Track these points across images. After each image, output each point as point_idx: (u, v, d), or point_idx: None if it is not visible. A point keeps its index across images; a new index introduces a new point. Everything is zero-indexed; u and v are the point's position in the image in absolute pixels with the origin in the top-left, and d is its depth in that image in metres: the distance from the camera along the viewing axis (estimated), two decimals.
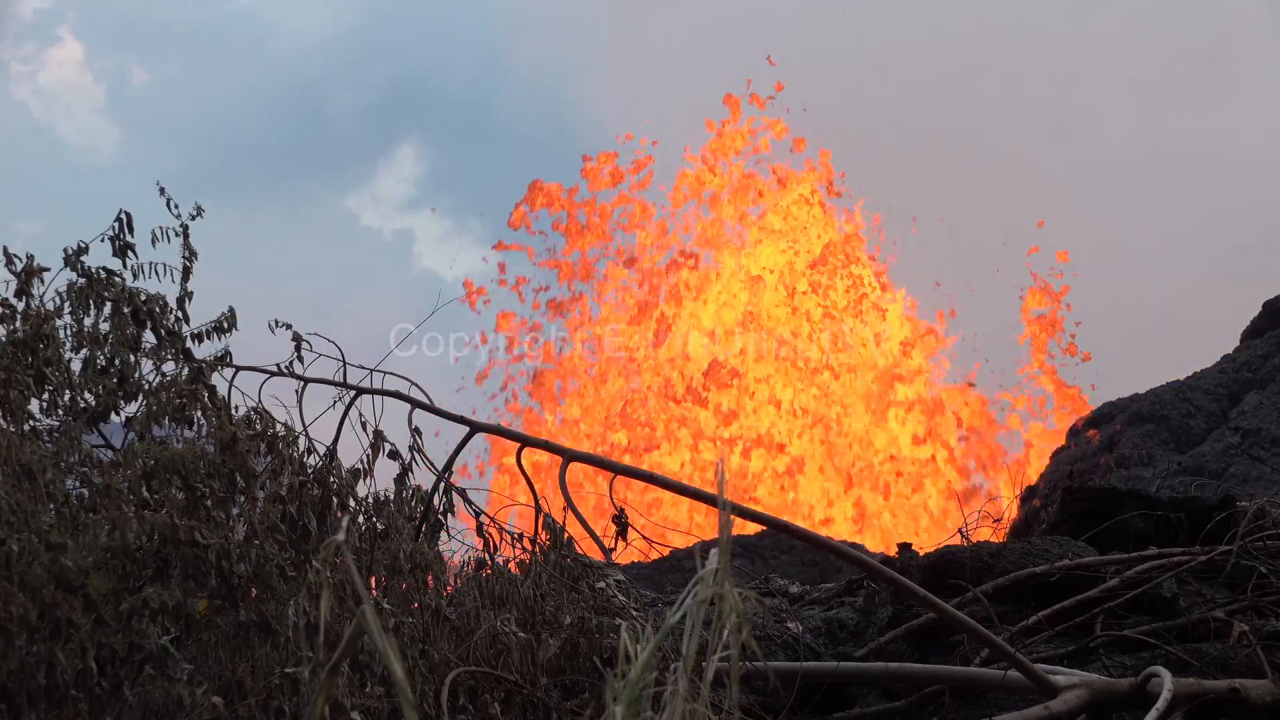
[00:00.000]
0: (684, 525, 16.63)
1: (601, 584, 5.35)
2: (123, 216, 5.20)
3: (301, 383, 5.67)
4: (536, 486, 5.76)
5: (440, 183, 48.29)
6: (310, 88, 48.92)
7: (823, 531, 18.60)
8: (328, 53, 50.04)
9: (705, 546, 2.82)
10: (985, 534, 8.23)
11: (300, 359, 5.65)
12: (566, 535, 5.49)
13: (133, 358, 5.11)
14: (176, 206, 5.25)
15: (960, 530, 7.83)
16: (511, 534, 5.59)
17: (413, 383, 5.78)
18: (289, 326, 5.59)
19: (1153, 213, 32.54)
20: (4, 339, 4.90)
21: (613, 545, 5.80)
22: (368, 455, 5.35)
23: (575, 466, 6.03)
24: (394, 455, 5.50)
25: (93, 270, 5.14)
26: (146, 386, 5.09)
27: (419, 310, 6.23)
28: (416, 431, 5.59)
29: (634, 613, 5.24)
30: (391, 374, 5.80)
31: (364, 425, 5.49)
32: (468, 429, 5.86)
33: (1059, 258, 22.58)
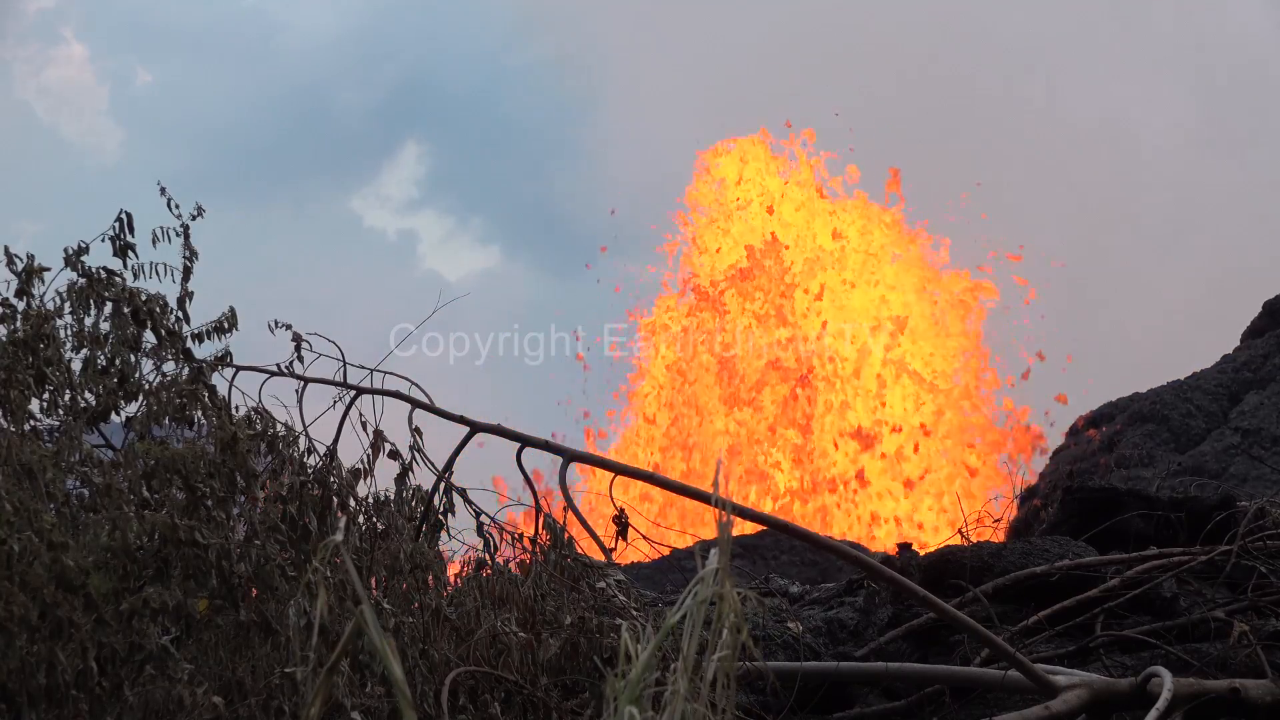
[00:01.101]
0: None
1: (602, 584, 5.35)
2: (123, 216, 5.20)
3: (301, 383, 5.67)
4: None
5: (444, 183, 48.40)
6: (314, 88, 49.02)
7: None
8: (331, 54, 50.15)
9: (705, 546, 2.82)
10: (985, 534, 8.22)
11: (300, 359, 5.65)
12: (567, 535, 5.49)
13: (133, 358, 5.11)
14: (177, 206, 5.25)
15: (960, 530, 7.83)
16: (512, 534, 5.59)
17: (413, 383, 5.78)
18: (289, 327, 5.60)
19: (1153, 211, 32.56)
20: (4, 339, 4.90)
21: (613, 545, 5.80)
22: (368, 455, 5.35)
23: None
24: (394, 455, 5.50)
25: (93, 270, 5.14)
26: (147, 386, 5.09)
27: (423, 311, 6.21)
28: (417, 431, 5.59)
29: (634, 613, 5.24)
30: (392, 374, 5.81)
31: (364, 425, 5.49)
32: (467, 429, 5.86)
33: (1066, 363, 21.42)
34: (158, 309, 5.17)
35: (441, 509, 5.60)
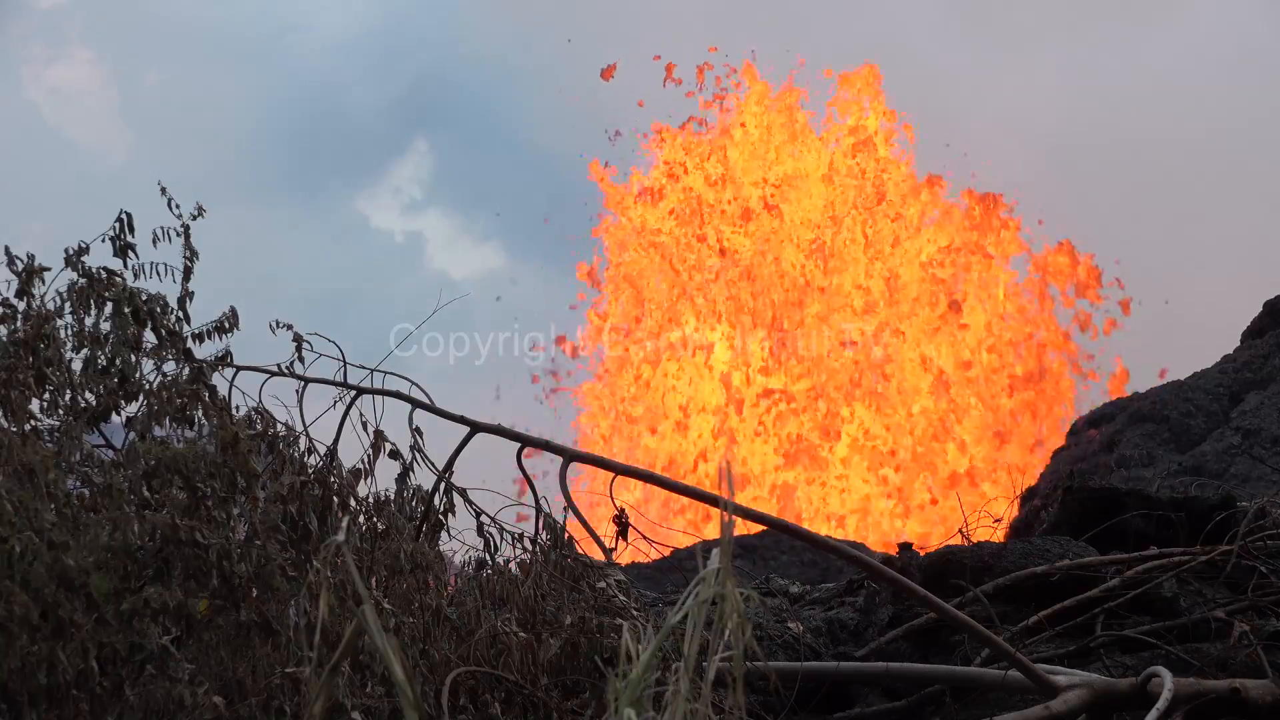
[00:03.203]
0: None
1: (602, 584, 5.35)
2: (123, 217, 5.20)
3: (302, 383, 5.67)
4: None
5: (451, 183, 48.33)
6: (322, 89, 48.94)
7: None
8: (339, 55, 50.10)
9: (706, 547, 2.82)
10: (985, 534, 8.22)
11: (301, 359, 5.65)
12: (567, 535, 5.49)
13: (133, 358, 5.11)
14: (178, 206, 5.25)
15: (961, 530, 7.82)
16: (512, 534, 5.59)
17: (413, 383, 5.78)
18: (290, 326, 5.59)
19: (1153, 210, 32.54)
20: (5, 338, 4.91)
21: (613, 545, 5.80)
22: (368, 455, 5.36)
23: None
24: (395, 455, 5.50)
25: (93, 270, 5.14)
26: (147, 386, 5.09)
27: (430, 311, 6.20)
28: (417, 431, 5.59)
29: (635, 613, 5.24)
30: (392, 374, 5.80)
31: (364, 425, 5.50)
32: (468, 429, 5.85)
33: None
34: (158, 309, 5.17)
35: (442, 509, 5.60)
